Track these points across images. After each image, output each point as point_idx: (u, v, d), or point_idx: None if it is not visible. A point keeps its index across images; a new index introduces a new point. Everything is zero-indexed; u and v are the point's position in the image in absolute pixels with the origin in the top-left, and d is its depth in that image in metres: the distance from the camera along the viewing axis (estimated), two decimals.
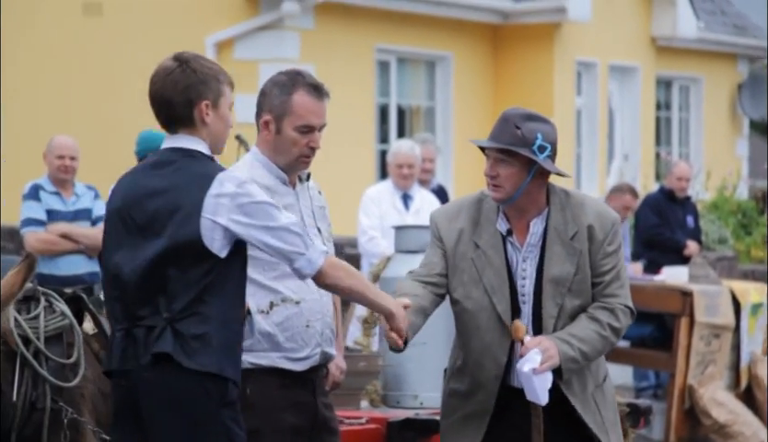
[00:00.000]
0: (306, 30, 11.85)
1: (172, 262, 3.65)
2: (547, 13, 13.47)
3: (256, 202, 3.68)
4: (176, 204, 3.67)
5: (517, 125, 4.05)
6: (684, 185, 10.66)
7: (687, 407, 9.36)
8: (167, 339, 3.62)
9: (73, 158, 7.72)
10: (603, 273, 4.10)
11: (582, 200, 4.16)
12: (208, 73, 3.77)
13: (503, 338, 4.10)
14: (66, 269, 7.58)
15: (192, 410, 3.62)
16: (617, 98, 15.08)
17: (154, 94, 3.79)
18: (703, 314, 9.34)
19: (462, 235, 4.14)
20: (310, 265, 3.71)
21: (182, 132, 3.76)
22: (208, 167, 3.72)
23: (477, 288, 4.11)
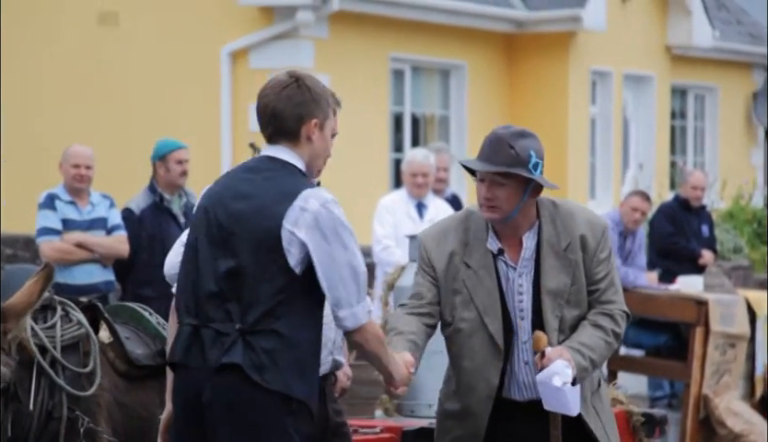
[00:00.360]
0: (320, 40, 11.88)
1: (249, 269, 3.67)
2: (562, 22, 13.47)
3: (335, 226, 3.68)
4: (259, 211, 3.70)
5: (511, 145, 4.02)
6: (699, 194, 10.64)
7: (702, 417, 9.34)
8: (237, 350, 3.64)
9: (88, 167, 7.73)
10: (598, 281, 4.12)
11: (571, 209, 4.16)
12: (321, 93, 3.82)
13: (495, 359, 4.09)
14: (81, 278, 7.60)
15: (255, 417, 3.65)
16: (632, 108, 15.07)
17: (265, 106, 3.81)
18: (718, 323, 9.31)
19: (453, 257, 4.11)
20: (354, 320, 3.71)
21: (283, 144, 3.79)
22: (299, 181, 3.74)
23: (469, 309, 4.10)
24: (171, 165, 7.82)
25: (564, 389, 3.99)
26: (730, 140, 16.33)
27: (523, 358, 4.12)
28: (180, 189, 7.91)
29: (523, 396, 4.14)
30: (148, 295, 7.56)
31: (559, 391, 3.99)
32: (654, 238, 10.47)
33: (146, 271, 7.76)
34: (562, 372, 3.99)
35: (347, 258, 3.69)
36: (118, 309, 4.49)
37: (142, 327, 4.40)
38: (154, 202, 7.84)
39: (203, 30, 11.79)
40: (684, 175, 11.13)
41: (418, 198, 8.78)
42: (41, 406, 4.02)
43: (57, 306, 4.15)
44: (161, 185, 7.86)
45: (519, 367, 4.12)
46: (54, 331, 4.09)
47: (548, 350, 4.04)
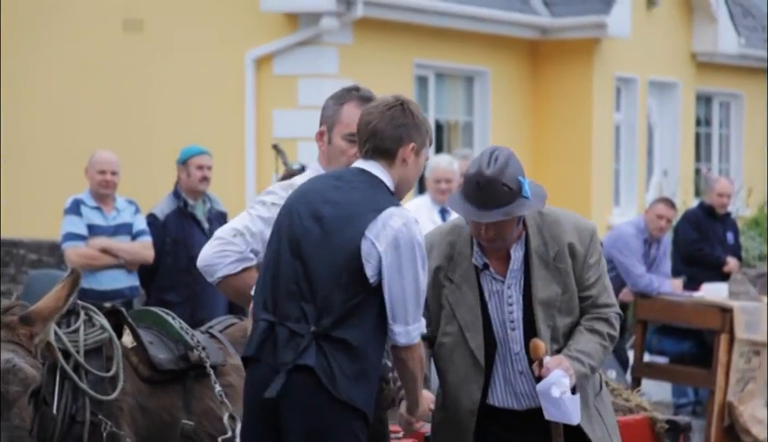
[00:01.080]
0: (344, 46, 11.89)
1: (327, 273, 3.77)
2: (586, 28, 13.44)
3: (412, 245, 3.79)
4: (345, 218, 3.80)
5: (503, 183, 3.98)
6: (725, 201, 10.59)
7: (726, 424, 9.29)
8: (311, 353, 3.76)
9: (114, 173, 7.77)
10: (590, 287, 4.12)
11: (557, 217, 4.16)
12: (423, 120, 3.95)
13: (477, 374, 4.11)
14: (107, 283, 7.63)
15: (325, 417, 3.76)
16: (656, 114, 15.02)
17: (367, 123, 3.92)
18: (742, 331, 9.27)
19: (438, 273, 4.14)
20: (406, 337, 3.83)
21: (379, 162, 3.91)
22: (386, 197, 3.86)
23: (451, 324, 4.12)
24: (192, 170, 7.86)
25: (563, 398, 4.00)
26: (755, 147, 16.25)
27: (518, 368, 4.12)
28: (203, 194, 7.94)
29: (521, 405, 4.14)
30: (172, 299, 7.59)
31: (558, 401, 4.00)
32: (678, 245, 10.44)
33: (170, 276, 7.79)
34: (559, 382, 4.00)
35: (414, 277, 3.80)
36: (141, 314, 4.51)
37: (165, 331, 4.41)
38: (178, 207, 7.88)
39: (227, 37, 11.82)
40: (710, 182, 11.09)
41: (441, 204, 8.79)
42: (65, 410, 4.04)
43: (80, 310, 4.17)
44: (184, 190, 7.90)
45: (515, 378, 4.12)
46: (78, 335, 4.12)
47: (546, 359, 4.04)
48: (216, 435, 4.25)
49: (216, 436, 4.24)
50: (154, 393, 4.26)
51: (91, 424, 4.05)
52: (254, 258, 4.14)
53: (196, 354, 4.34)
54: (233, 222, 4.19)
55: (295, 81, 11.68)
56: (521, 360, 4.10)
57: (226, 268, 4.10)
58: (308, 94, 11.55)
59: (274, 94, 11.71)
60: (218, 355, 4.41)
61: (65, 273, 4.14)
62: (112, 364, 4.15)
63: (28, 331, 3.94)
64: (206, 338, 4.48)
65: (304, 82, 11.67)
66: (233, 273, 4.11)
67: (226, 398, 4.26)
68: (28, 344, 3.93)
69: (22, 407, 3.85)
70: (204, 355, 4.33)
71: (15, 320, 3.94)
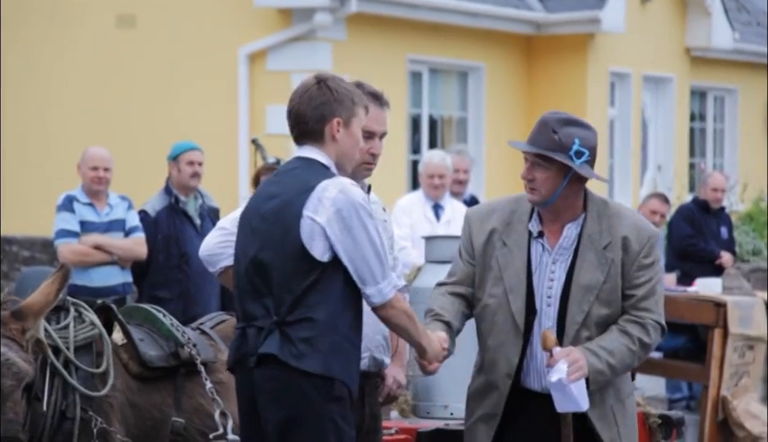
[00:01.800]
0: (338, 41, 11.88)
1: (277, 263, 3.80)
2: (581, 24, 13.44)
3: (354, 207, 3.80)
4: (283, 206, 3.83)
5: (555, 130, 4.06)
6: (719, 196, 10.60)
7: (720, 419, 9.30)
8: (274, 341, 3.77)
9: (106, 169, 7.75)
10: (637, 286, 4.09)
11: (620, 211, 4.17)
12: (344, 93, 3.93)
13: (516, 337, 4.11)
14: (99, 280, 7.61)
15: (300, 404, 3.76)
16: (651, 109, 15.03)
17: (290, 109, 3.95)
18: (736, 325, 9.27)
19: (493, 234, 4.16)
20: (380, 296, 3.85)
21: (310, 145, 3.92)
22: (320, 173, 3.87)
23: (497, 286, 4.14)
24: (182, 166, 7.84)
25: (563, 382, 4.00)
26: (750, 142, 16.26)
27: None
28: (194, 190, 7.92)
29: (540, 384, 4.14)
30: (164, 296, 7.58)
31: (558, 386, 4.00)
32: (672, 240, 10.44)
33: (162, 272, 7.78)
34: (558, 369, 4.01)
35: (368, 237, 3.80)
36: (132, 311, 4.50)
37: (156, 328, 4.41)
38: (169, 203, 7.86)
39: (220, 32, 11.81)
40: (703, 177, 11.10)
41: (435, 199, 8.78)
42: (55, 406, 4.04)
43: (70, 307, 4.17)
44: (175, 186, 7.88)
45: (541, 353, 4.12)
46: (68, 331, 4.12)
47: (555, 350, 4.05)
48: (207, 431, 4.24)
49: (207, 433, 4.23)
50: (144, 390, 4.26)
51: (81, 420, 4.05)
52: None
53: (187, 351, 4.33)
54: (235, 213, 4.20)
55: (288, 76, 11.67)
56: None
57: (229, 259, 4.11)
58: None
59: (268, 89, 11.70)
60: (209, 352, 4.40)
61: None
62: (102, 360, 4.14)
63: (19, 325, 3.94)
64: (197, 335, 4.47)
65: (297, 77, 11.61)
66: None
67: (216, 395, 4.25)
68: (20, 339, 3.93)
69: (16, 401, 3.86)
70: (195, 352, 4.32)
71: (7, 315, 3.95)
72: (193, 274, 7.60)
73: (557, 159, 4.05)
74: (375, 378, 4.30)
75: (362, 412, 4.21)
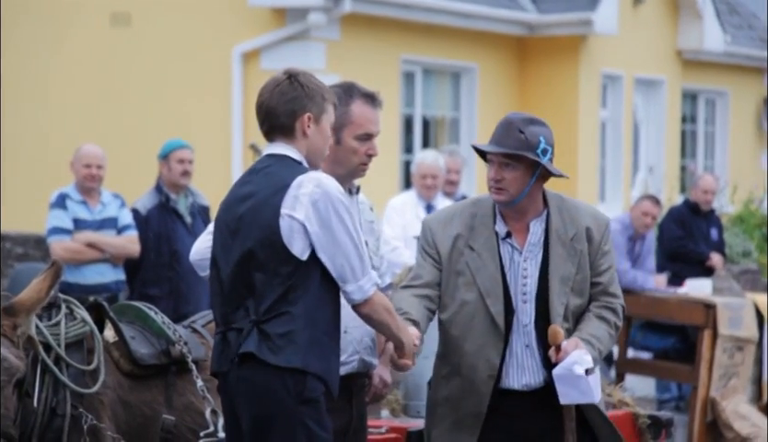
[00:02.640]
0: (332, 41, 11.90)
1: (256, 265, 3.76)
2: (573, 25, 13.47)
3: (331, 203, 3.76)
4: (259, 206, 3.79)
5: (521, 129, 4.14)
6: (709, 198, 10.64)
7: (709, 420, 9.33)
8: (252, 339, 3.74)
9: (100, 167, 7.76)
10: (601, 273, 4.23)
11: (576, 203, 4.29)
12: (315, 89, 3.90)
13: (497, 339, 4.16)
14: (92, 278, 7.63)
15: (270, 405, 3.73)
16: (642, 111, 15.06)
17: (260, 104, 3.91)
18: (726, 327, 9.31)
19: (458, 240, 4.20)
20: (360, 293, 3.81)
21: (280, 140, 3.88)
22: (294, 169, 3.83)
23: (471, 291, 4.17)
24: (173, 164, 7.86)
25: (587, 376, 4.04)
26: (740, 144, 16.31)
27: (524, 341, 4.19)
28: (184, 188, 7.94)
29: (521, 382, 4.19)
30: (155, 294, 7.60)
31: (580, 379, 4.04)
32: (663, 242, 10.48)
33: (153, 270, 7.79)
34: (581, 360, 4.05)
35: (347, 232, 3.77)
36: (124, 308, 4.51)
37: (147, 326, 4.42)
38: (160, 202, 7.88)
39: (214, 31, 11.82)
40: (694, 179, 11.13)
41: (427, 199, 8.81)
42: (45, 403, 4.04)
43: (62, 304, 4.17)
44: (166, 185, 7.90)
45: (521, 350, 4.18)
46: (59, 328, 4.12)
47: (564, 343, 4.10)
48: (198, 429, 4.25)
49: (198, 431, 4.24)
50: (135, 388, 4.27)
51: (72, 417, 4.05)
52: None
53: (178, 349, 4.34)
54: None
55: None
56: (528, 333, 4.18)
57: None
58: None
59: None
60: (200, 350, 4.42)
61: None
62: (93, 357, 4.15)
63: (11, 321, 3.95)
64: (189, 333, 4.48)
65: None
66: None
67: (207, 392, 4.26)
68: (11, 335, 3.93)
69: (7, 396, 3.86)
70: (186, 350, 4.33)
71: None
72: (184, 272, 7.61)
73: (526, 158, 4.12)
74: (362, 378, 4.32)
75: (350, 413, 4.23)
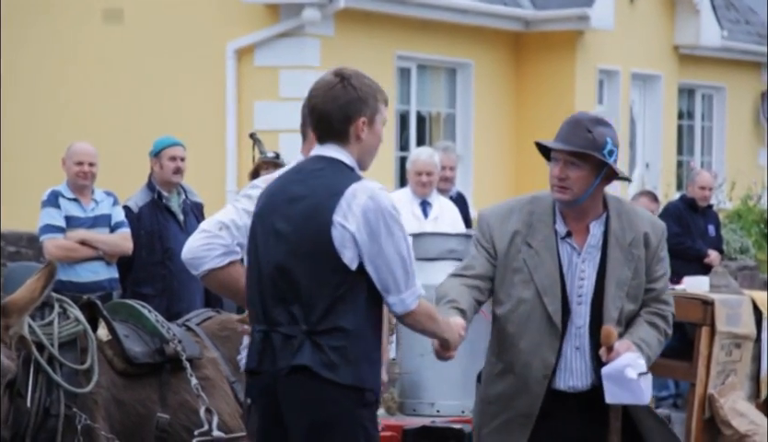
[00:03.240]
0: (326, 37, 11.86)
1: (305, 270, 3.74)
2: (569, 21, 13.45)
3: (382, 215, 3.74)
4: (311, 210, 3.76)
5: (589, 129, 4.10)
6: (707, 194, 10.61)
7: (707, 417, 9.30)
8: (306, 351, 3.72)
9: (92, 164, 7.72)
10: (657, 279, 4.20)
11: (634, 208, 4.28)
12: (367, 90, 3.86)
13: (552, 338, 4.12)
14: (86, 276, 7.59)
15: (332, 411, 3.73)
16: (639, 107, 15.04)
17: (313, 107, 3.87)
18: (723, 324, 9.26)
19: (516, 236, 4.17)
20: (402, 306, 3.80)
21: (332, 144, 3.85)
22: (346, 176, 3.81)
23: (528, 289, 4.13)
24: (165, 161, 7.82)
25: (631, 377, 4.03)
26: (738, 140, 16.29)
27: (574, 343, 4.16)
28: (176, 186, 7.90)
29: (567, 383, 4.15)
30: (148, 292, 7.56)
31: (632, 382, 4.04)
32: None
33: (145, 269, 7.75)
34: (635, 364, 4.05)
35: (394, 245, 3.75)
36: (117, 307, 4.48)
37: (141, 325, 4.39)
38: (152, 199, 7.84)
39: (208, 27, 11.77)
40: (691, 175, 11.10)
41: (422, 196, 8.77)
42: (39, 403, 4.01)
43: (55, 303, 4.14)
44: (158, 182, 7.86)
45: (571, 352, 4.15)
46: (52, 328, 4.09)
47: (616, 344, 4.07)
48: (192, 428, 4.23)
49: (192, 430, 4.21)
50: (129, 386, 4.24)
51: (65, 417, 4.02)
52: (240, 251, 4.11)
53: (172, 347, 4.31)
54: (219, 215, 4.16)
55: (276, 73, 11.65)
56: (581, 336, 4.15)
57: (213, 261, 4.07)
58: (289, 85, 11.52)
59: (256, 85, 11.67)
60: (194, 348, 4.39)
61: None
62: (87, 356, 4.12)
63: (3, 322, 3.91)
64: (183, 331, 4.45)
65: (285, 73, 11.64)
66: (219, 266, 4.07)
67: (202, 391, 4.23)
68: (3, 336, 3.91)
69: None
70: (180, 349, 4.30)
71: None
72: (177, 271, 7.57)
73: (592, 157, 4.08)
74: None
75: None
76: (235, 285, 4.06)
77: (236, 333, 4.51)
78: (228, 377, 4.49)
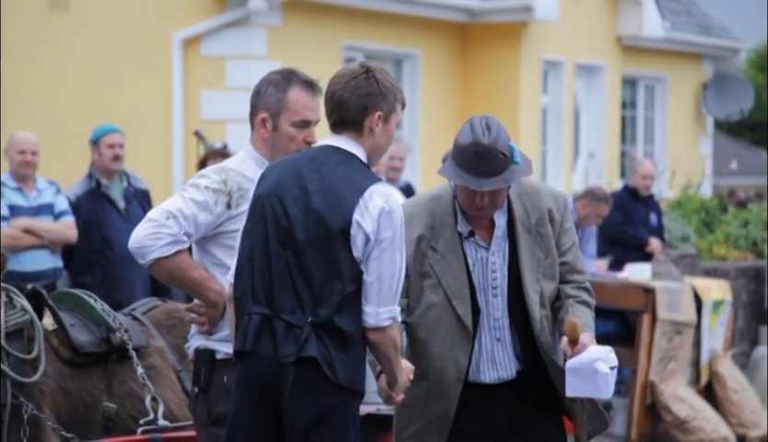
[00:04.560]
0: (273, 27, 11.86)
1: (321, 262, 3.72)
2: (514, 12, 13.52)
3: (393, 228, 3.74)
4: (332, 202, 3.73)
5: (500, 151, 4.03)
6: (649, 183, 10.75)
7: (648, 403, 9.45)
8: (312, 344, 3.72)
9: (34, 153, 7.72)
10: (566, 252, 4.18)
11: (533, 185, 4.22)
12: (389, 87, 3.85)
13: (465, 340, 4.11)
14: (30, 265, 7.57)
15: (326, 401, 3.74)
16: (583, 97, 15.17)
17: (332, 94, 3.85)
18: (665, 311, 9.42)
19: (420, 242, 4.14)
20: (374, 319, 3.78)
21: (347, 135, 3.83)
22: (365, 174, 3.80)
23: (436, 294, 4.12)
24: (103, 149, 7.84)
25: (600, 370, 3.99)
26: (680, 130, 16.48)
27: (495, 335, 4.14)
28: (116, 173, 7.91)
29: (493, 376, 4.15)
30: (88, 281, 7.58)
31: (600, 376, 3.99)
32: (603, 227, 10.58)
33: (84, 257, 7.77)
34: (607, 358, 4.01)
35: (392, 261, 3.76)
36: (63, 296, 4.48)
37: (87, 314, 4.39)
38: (90, 188, 7.87)
39: (155, 17, 11.73)
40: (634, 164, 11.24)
41: None
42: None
43: (1, 292, 4.13)
44: (98, 171, 7.89)
45: (492, 344, 4.13)
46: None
47: (582, 336, 4.03)
48: (139, 417, 4.24)
49: (139, 419, 4.23)
50: (75, 376, 4.24)
51: (12, 406, 4.02)
52: (187, 241, 4.11)
53: (118, 336, 4.32)
54: (166, 204, 4.15)
55: (223, 62, 11.62)
56: (500, 328, 4.13)
57: (159, 250, 4.06)
58: (236, 75, 11.50)
59: (202, 75, 11.65)
60: (141, 338, 4.40)
61: None
62: (33, 346, 4.12)
63: None
64: (129, 320, 4.46)
65: (232, 63, 11.62)
66: (166, 255, 4.06)
67: (148, 380, 4.25)
68: None
69: None
70: (127, 338, 4.31)
71: None
72: (116, 259, 7.59)
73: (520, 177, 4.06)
74: None
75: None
76: (182, 274, 4.06)
77: (182, 322, 4.52)
78: (175, 365, 4.49)
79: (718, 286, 10.05)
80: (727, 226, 13.49)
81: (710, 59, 16.75)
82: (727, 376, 9.81)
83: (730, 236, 13.30)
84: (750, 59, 27.77)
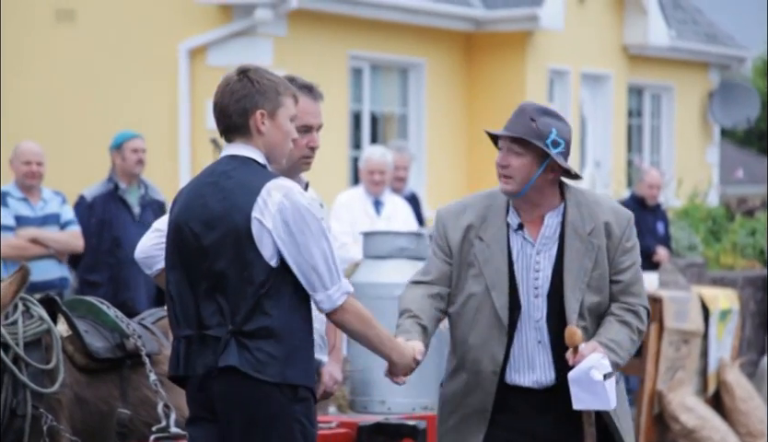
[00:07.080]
0: (279, 37, 11.88)
1: (231, 270, 3.71)
2: (520, 21, 13.54)
3: (299, 213, 3.72)
4: (230, 211, 3.73)
5: (533, 118, 4.01)
6: (655, 193, 10.75)
7: (656, 412, 9.43)
8: (231, 352, 3.70)
9: (39, 164, 7.76)
10: (622, 271, 4.05)
11: (597, 197, 4.15)
12: (267, 83, 3.82)
13: (500, 334, 4.04)
14: (37, 275, 7.53)
15: (266, 407, 3.70)
16: (589, 106, 15.18)
17: (215, 104, 3.86)
18: (672, 320, 9.41)
19: (469, 231, 4.10)
20: (329, 302, 3.76)
21: (238, 140, 3.82)
22: (260, 173, 3.78)
23: (478, 283, 4.06)
24: (127, 153, 7.94)
25: (604, 382, 3.90)
26: (686, 139, 16.47)
27: (536, 337, 4.05)
28: (137, 178, 8.02)
29: (531, 378, 4.06)
30: (95, 280, 7.65)
31: (597, 384, 3.91)
32: None
33: (94, 256, 7.85)
34: (599, 364, 3.91)
35: (315, 243, 3.73)
36: (75, 303, 4.48)
37: (100, 320, 4.39)
38: (108, 190, 7.99)
39: (161, 27, 11.76)
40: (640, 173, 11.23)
41: (375, 195, 8.83)
42: (5, 404, 3.99)
43: (18, 302, 4.12)
44: (118, 175, 8.01)
45: (533, 346, 4.05)
46: (16, 327, 4.06)
47: (581, 346, 3.96)
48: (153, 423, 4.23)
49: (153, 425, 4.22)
50: (91, 384, 4.23)
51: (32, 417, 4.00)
52: None
53: (132, 342, 4.32)
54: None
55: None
56: (541, 329, 4.03)
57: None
58: None
59: (208, 85, 11.63)
60: (153, 345, 4.40)
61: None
62: (51, 355, 4.10)
63: None
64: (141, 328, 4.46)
65: None
66: None
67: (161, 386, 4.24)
68: None
69: None
70: (141, 344, 4.31)
71: None
72: (125, 260, 7.63)
73: (534, 146, 3.99)
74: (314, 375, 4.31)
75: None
76: None
77: None
78: None
79: (725, 295, 10.04)
80: (735, 234, 13.48)
81: (716, 67, 16.75)
82: (735, 385, 9.79)
83: (737, 245, 13.29)
84: (757, 67, 27.76)
